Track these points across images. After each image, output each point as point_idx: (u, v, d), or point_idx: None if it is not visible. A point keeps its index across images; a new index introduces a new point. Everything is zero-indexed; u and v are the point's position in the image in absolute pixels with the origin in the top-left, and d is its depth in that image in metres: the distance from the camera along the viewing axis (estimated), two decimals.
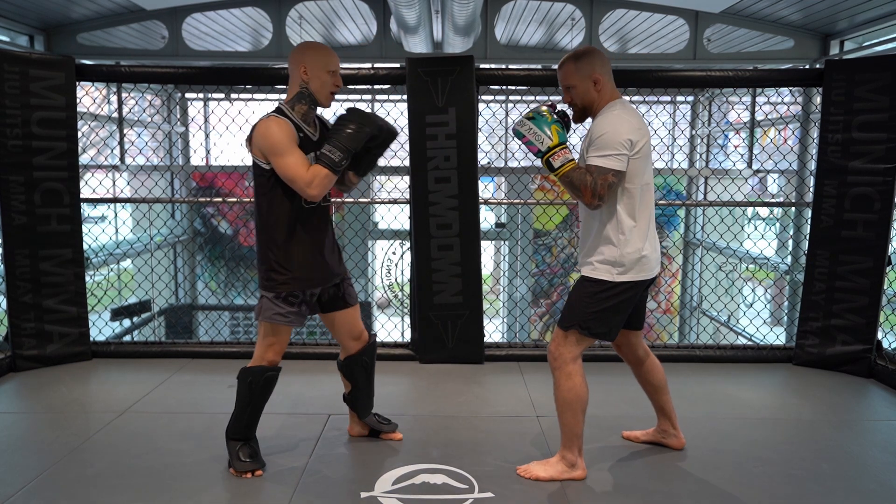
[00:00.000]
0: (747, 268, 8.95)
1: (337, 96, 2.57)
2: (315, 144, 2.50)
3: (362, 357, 2.82)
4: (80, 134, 4.11)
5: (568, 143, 2.47)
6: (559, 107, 2.54)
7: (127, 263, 8.40)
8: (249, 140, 2.45)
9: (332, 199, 2.68)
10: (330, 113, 2.75)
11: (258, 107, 8.46)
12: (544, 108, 2.47)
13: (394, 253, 8.73)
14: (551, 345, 2.57)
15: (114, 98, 7.62)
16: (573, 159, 2.44)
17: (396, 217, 6.88)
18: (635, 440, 2.96)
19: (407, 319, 5.25)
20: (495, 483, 2.56)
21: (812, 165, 4.67)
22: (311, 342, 4.38)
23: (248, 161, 2.54)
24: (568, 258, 9.66)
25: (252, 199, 2.66)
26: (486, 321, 4.22)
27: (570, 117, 2.55)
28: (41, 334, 3.89)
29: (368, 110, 2.53)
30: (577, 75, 2.48)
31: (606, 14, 6.06)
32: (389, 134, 2.57)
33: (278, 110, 2.49)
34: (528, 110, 2.49)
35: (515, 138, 2.50)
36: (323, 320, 2.76)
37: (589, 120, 2.56)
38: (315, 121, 2.57)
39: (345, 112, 2.47)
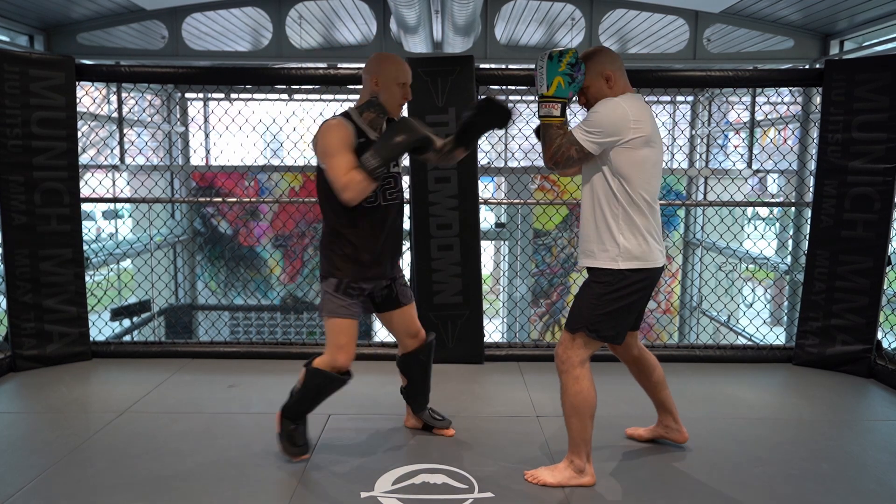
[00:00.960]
0: (747, 268, 8.96)
1: (338, 96, 2.60)
2: None
3: (418, 355, 2.91)
4: (80, 134, 4.11)
5: (565, 100, 2.43)
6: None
7: (127, 263, 8.40)
8: (315, 139, 2.55)
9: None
10: None
11: (258, 106, 8.46)
12: (571, 53, 2.40)
13: None
14: (558, 348, 2.54)
15: (114, 98, 7.62)
16: (557, 116, 2.43)
17: None
18: (639, 438, 2.96)
19: None
20: (495, 483, 2.56)
21: (812, 165, 4.67)
22: (311, 342, 4.38)
23: (248, 161, 2.56)
24: (568, 258, 9.65)
25: (251, 199, 2.70)
26: (486, 321, 4.22)
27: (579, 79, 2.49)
28: (41, 334, 3.89)
29: (420, 121, 2.59)
30: (588, 75, 2.49)
31: (606, 14, 6.06)
32: (502, 116, 2.59)
33: (345, 114, 2.58)
34: (557, 50, 2.43)
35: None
36: (380, 320, 2.89)
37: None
38: (384, 127, 2.63)
39: (397, 121, 2.54)
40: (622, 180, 2.43)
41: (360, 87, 2.68)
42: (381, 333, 5.06)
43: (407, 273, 3.26)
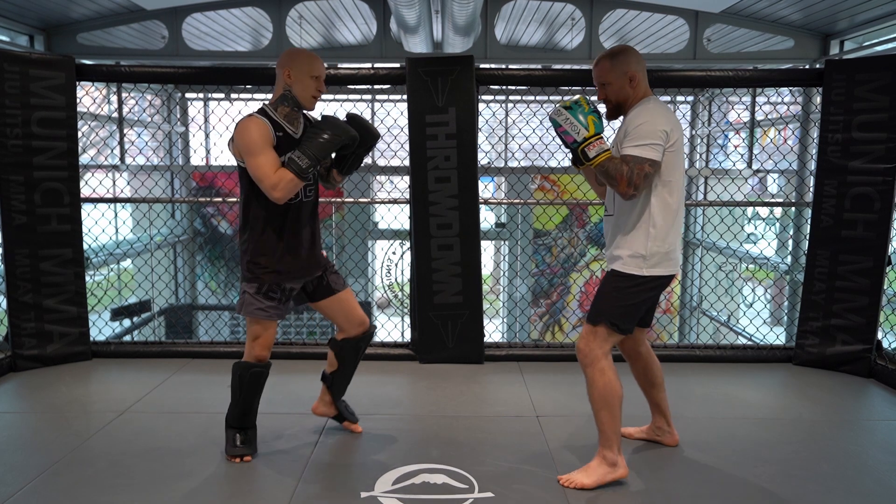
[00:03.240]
0: (747, 268, 8.96)
1: (338, 96, 2.60)
2: (297, 143, 2.56)
3: (359, 342, 2.89)
4: (80, 134, 4.11)
5: (603, 135, 2.47)
6: (591, 105, 2.53)
7: (127, 263, 8.40)
8: (232, 140, 2.54)
9: (335, 199, 2.72)
10: (317, 113, 2.79)
11: (258, 106, 8.46)
12: (583, 97, 2.47)
13: (394, 253, 8.72)
14: (580, 342, 2.55)
15: (114, 98, 7.62)
16: (608, 149, 2.44)
17: (396, 217, 6.89)
18: (629, 437, 2.96)
19: (407, 319, 5.25)
20: (495, 483, 2.56)
21: (812, 165, 4.67)
22: (310, 342, 4.38)
23: None
24: (568, 258, 9.65)
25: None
26: (486, 321, 4.22)
27: (602, 115, 2.55)
28: (41, 334, 3.89)
29: (346, 114, 2.64)
30: (613, 72, 2.50)
31: (606, 14, 6.07)
32: (370, 137, 2.65)
33: (261, 111, 2.57)
34: (565, 99, 2.50)
35: (552, 127, 2.51)
36: (315, 309, 2.85)
37: (620, 118, 2.58)
38: (301, 120, 2.63)
39: (319, 119, 2.55)
40: (663, 186, 2.46)
41: (353, 85, 2.68)
42: (381, 334, 5.06)
43: (407, 273, 3.26)
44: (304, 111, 2.64)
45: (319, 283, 2.77)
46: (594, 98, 2.62)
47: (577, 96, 2.50)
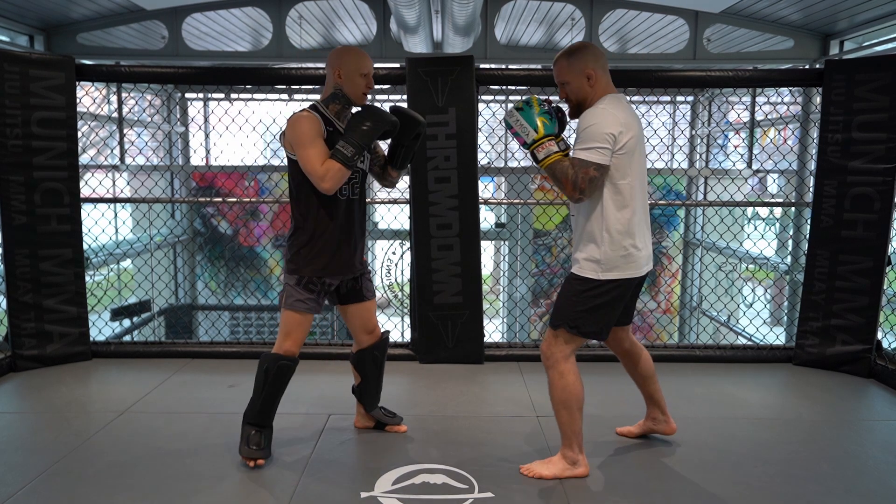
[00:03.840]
0: (747, 268, 8.95)
1: None
2: None
3: (373, 351, 2.90)
4: (80, 134, 4.11)
5: (554, 135, 2.46)
6: (555, 103, 2.54)
7: (127, 263, 8.40)
8: (283, 134, 2.58)
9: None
10: None
11: (258, 107, 8.46)
12: (535, 98, 2.47)
13: (394, 253, 8.72)
14: (543, 345, 2.59)
15: (114, 98, 7.62)
16: (557, 151, 2.43)
17: (396, 217, 6.88)
18: (630, 435, 2.98)
19: (407, 319, 5.24)
20: (495, 483, 2.56)
21: (812, 165, 4.67)
22: (310, 342, 4.37)
23: (248, 161, 2.56)
24: (568, 258, 9.65)
25: (252, 200, 2.71)
26: (486, 321, 4.22)
27: (566, 112, 2.55)
28: (41, 334, 3.89)
29: (384, 108, 2.65)
30: (570, 71, 2.48)
31: (606, 14, 6.06)
32: (413, 123, 2.64)
33: (313, 106, 2.62)
34: (518, 100, 2.50)
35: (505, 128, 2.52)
36: (339, 311, 2.87)
37: None
38: (349, 117, 2.65)
39: (361, 109, 2.57)
40: (616, 186, 2.44)
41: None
42: None
43: (407, 273, 3.27)
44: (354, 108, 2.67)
45: (354, 286, 2.79)
46: (556, 98, 2.62)
47: (529, 96, 2.48)
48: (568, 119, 2.56)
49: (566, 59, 2.49)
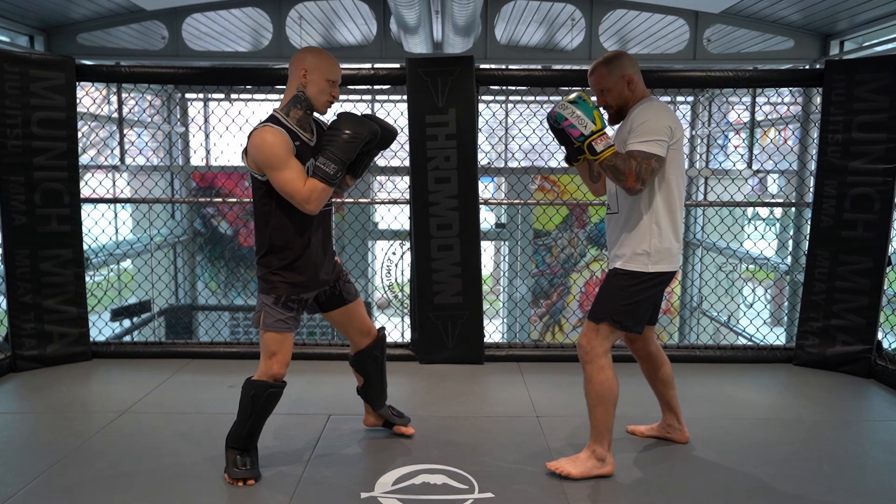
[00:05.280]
0: (747, 268, 8.95)
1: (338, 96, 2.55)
2: (313, 150, 2.45)
3: (372, 351, 2.85)
4: (80, 134, 4.11)
5: (607, 131, 2.49)
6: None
7: (127, 263, 8.40)
8: (245, 151, 2.41)
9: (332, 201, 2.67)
10: (329, 116, 2.75)
11: (258, 107, 8.47)
12: (584, 93, 2.49)
13: (394, 253, 8.72)
14: (582, 339, 2.58)
15: (114, 98, 7.62)
16: (614, 145, 2.46)
17: (396, 217, 6.89)
18: (640, 435, 3.00)
19: (407, 320, 5.24)
20: (495, 483, 2.56)
21: (812, 165, 4.67)
22: (310, 342, 4.38)
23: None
24: (568, 258, 9.65)
25: (251, 200, 2.65)
26: (486, 321, 4.22)
27: (605, 116, 2.58)
28: (41, 334, 3.89)
29: (359, 113, 2.50)
30: (610, 78, 2.53)
31: (606, 14, 6.06)
32: (388, 135, 2.56)
33: (272, 118, 2.42)
34: (569, 95, 2.50)
35: (553, 123, 2.47)
36: (327, 319, 2.79)
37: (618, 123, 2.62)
38: (312, 125, 2.52)
39: (337, 118, 2.42)
40: (666, 183, 2.49)
41: (353, 86, 2.60)
42: None
43: (407, 273, 3.26)
44: (315, 116, 2.54)
45: (332, 292, 2.71)
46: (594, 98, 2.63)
47: (577, 93, 2.50)
48: (607, 122, 2.57)
49: (605, 67, 2.54)
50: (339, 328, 2.82)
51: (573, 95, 2.48)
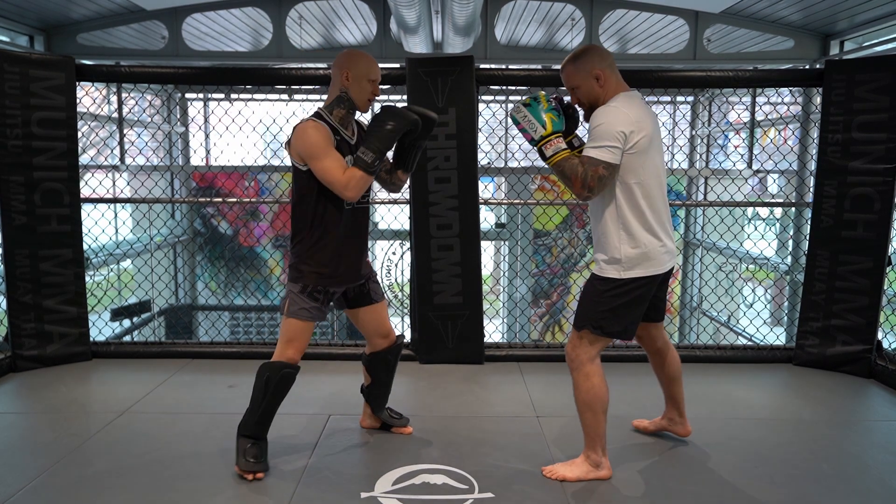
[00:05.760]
0: (747, 268, 8.95)
1: None
2: (352, 147, 2.57)
3: (387, 355, 2.90)
4: (80, 134, 4.11)
5: (562, 132, 2.46)
6: (566, 100, 2.54)
7: (127, 263, 8.40)
8: (289, 143, 2.54)
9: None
10: (368, 117, 2.78)
11: (258, 107, 8.46)
12: (542, 93, 2.46)
13: (394, 253, 8.72)
14: (567, 347, 2.58)
15: (114, 98, 7.62)
16: (566, 148, 2.43)
17: (396, 217, 6.88)
18: (644, 430, 3.02)
19: (407, 320, 5.25)
20: (495, 483, 2.56)
21: (812, 165, 4.67)
22: (311, 342, 4.36)
23: (248, 161, 2.54)
24: (568, 258, 9.65)
25: (252, 200, 2.69)
26: (486, 321, 4.22)
27: (580, 112, 2.55)
28: (41, 334, 3.89)
29: (401, 106, 2.59)
30: (577, 75, 2.48)
31: (606, 14, 6.06)
32: (429, 122, 2.60)
33: (317, 114, 2.57)
34: (525, 96, 2.49)
35: (512, 124, 2.51)
36: (349, 316, 2.84)
37: None
38: (354, 125, 2.65)
39: (379, 111, 2.52)
40: (629, 186, 2.43)
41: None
42: None
43: (407, 273, 3.26)
44: (357, 119, 2.66)
45: (361, 290, 2.77)
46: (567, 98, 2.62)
47: (538, 92, 2.48)
48: (581, 118, 2.55)
49: (572, 64, 2.50)
50: (360, 327, 2.87)
51: (527, 97, 2.46)
